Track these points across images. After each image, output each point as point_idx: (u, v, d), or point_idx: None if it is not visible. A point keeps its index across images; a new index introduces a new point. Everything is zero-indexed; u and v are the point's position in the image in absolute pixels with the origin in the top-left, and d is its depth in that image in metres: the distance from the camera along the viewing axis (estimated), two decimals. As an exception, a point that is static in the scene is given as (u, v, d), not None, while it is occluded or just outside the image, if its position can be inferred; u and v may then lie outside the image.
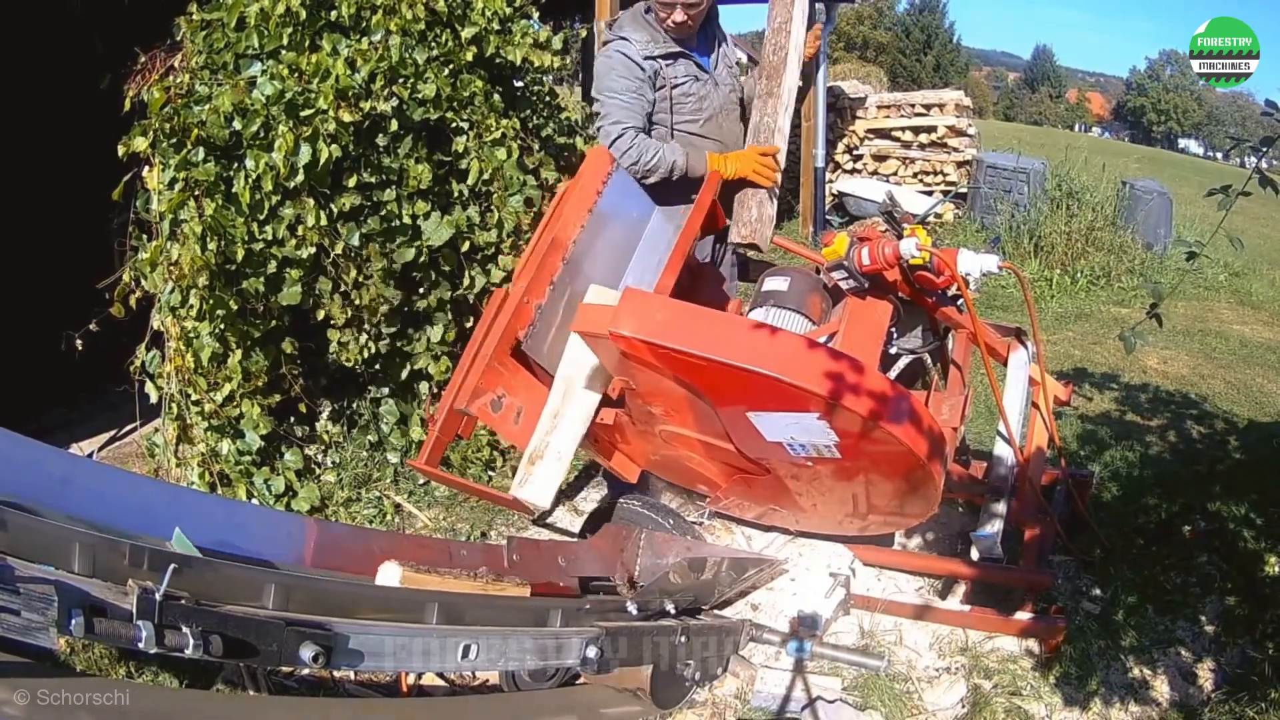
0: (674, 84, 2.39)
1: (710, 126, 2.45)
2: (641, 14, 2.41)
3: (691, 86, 2.41)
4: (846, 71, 14.39)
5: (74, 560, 1.36)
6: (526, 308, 2.11)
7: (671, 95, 2.39)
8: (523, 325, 2.10)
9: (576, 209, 2.20)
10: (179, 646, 1.23)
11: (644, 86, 2.35)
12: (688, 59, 2.41)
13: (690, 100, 2.41)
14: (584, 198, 2.22)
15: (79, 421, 3.74)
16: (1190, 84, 46.15)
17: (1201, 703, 2.00)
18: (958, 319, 2.15)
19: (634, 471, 2.32)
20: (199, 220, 2.35)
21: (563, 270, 2.16)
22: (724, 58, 2.51)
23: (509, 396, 2.09)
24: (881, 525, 2.26)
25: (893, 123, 7.59)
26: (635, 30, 2.36)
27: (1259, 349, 4.72)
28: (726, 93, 2.49)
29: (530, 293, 2.11)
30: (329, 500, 2.76)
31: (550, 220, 2.24)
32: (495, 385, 2.07)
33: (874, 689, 2.07)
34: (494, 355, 2.05)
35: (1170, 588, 2.36)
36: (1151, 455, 3.11)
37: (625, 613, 1.94)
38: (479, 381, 2.04)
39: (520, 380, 2.11)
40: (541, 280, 2.14)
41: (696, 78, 2.42)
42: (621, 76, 2.34)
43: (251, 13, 2.46)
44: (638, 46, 2.34)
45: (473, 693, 2.04)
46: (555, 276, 2.16)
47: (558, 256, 2.16)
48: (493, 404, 2.06)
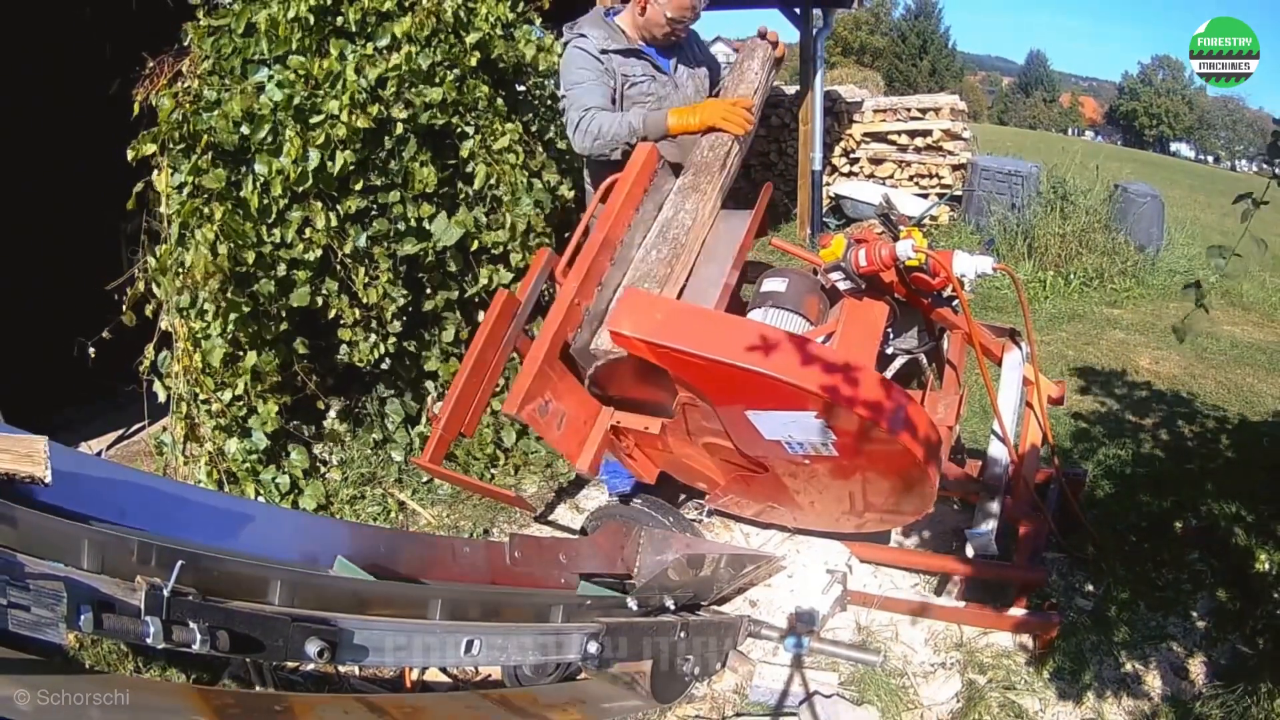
0: (631, 81, 2.39)
1: None
2: (601, 15, 2.44)
3: (649, 85, 2.41)
4: (843, 76, 14.45)
5: (83, 557, 1.36)
6: (576, 309, 2.05)
7: (627, 92, 2.40)
8: (572, 328, 2.04)
9: (626, 207, 2.14)
10: (186, 642, 1.24)
11: (604, 75, 2.37)
12: (643, 58, 2.41)
13: (648, 100, 2.41)
14: (633, 195, 2.16)
15: (88, 420, 3.76)
16: (1182, 89, 46.40)
17: (1193, 697, 2.02)
18: (953, 320, 2.17)
19: (653, 473, 2.30)
20: (209, 225, 2.37)
21: (611, 271, 2.11)
22: (687, 60, 2.49)
23: (554, 401, 2.03)
24: (878, 522, 2.27)
25: (889, 126, 7.64)
26: (592, 28, 2.40)
27: (1249, 349, 4.75)
28: (690, 94, 2.47)
29: (581, 294, 2.05)
30: (333, 498, 2.78)
31: (601, 219, 2.16)
32: (544, 390, 2.00)
33: (870, 684, 2.08)
34: (544, 360, 1.98)
35: (1162, 584, 2.39)
36: (1144, 454, 3.14)
37: (626, 609, 1.97)
38: (530, 387, 1.96)
39: (567, 385, 2.05)
40: (591, 281, 2.07)
41: (653, 77, 2.42)
42: (580, 68, 2.37)
43: (260, 19, 2.48)
44: (594, 42, 2.38)
45: (475, 687, 2.06)
46: (604, 277, 2.10)
47: (607, 258, 2.10)
48: (540, 409, 2.00)
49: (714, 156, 2.20)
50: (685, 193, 2.16)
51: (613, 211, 2.14)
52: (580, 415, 2.10)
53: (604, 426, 2.14)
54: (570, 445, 2.10)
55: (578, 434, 2.11)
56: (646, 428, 2.06)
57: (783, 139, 7.84)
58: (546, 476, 3.01)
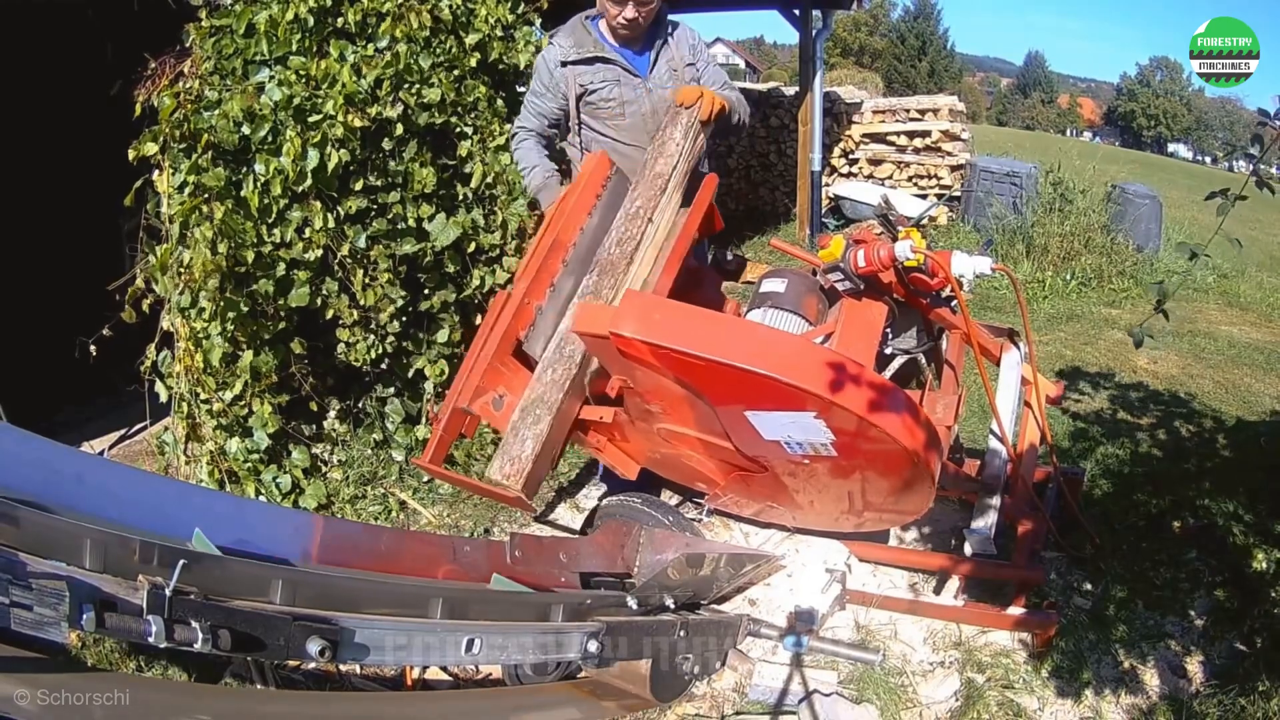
0: (588, 90, 2.38)
1: (632, 132, 2.42)
2: (580, 20, 2.43)
3: (611, 91, 2.38)
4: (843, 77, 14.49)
5: (85, 556, 1.37)
6: (527, 308, 2.14)
7: (588, 99, 2.39)
8: (523, 326, 2.13)
9: (577, 211, 2.23)
10: (188, 641, 1.25)
11: (551, 92, 2.41)
12: (610, 63, 2.38)
13: (610, 105, 2.39)
14: (584, 200, 2.25)
15: (90, 420, 3.77)
16: (1180, 90, 46.50)
17: (1191, 695, 2.02)
18: (951, 320, 2.17)
19: (634, 469, 2.33)
20: (209, 224, 2.38)
21: (563, 272, 2.19)
22: (668, 60, 2.43)
23: (510, 395, 2.11)
24: (877, 522, 2.28)
25: (888, 127, 7.66)
26: (564, 36, 2.41)
27: (1247, 349, 4.76)
28: (665, 96, 2.40)
29: (531, 294, 2.14)
30: (335, 497, 2.78)
31: (551, 222, 2.26)
32: (497, 384, 2.10)
33: (869, 682, 2.09)
34: (495, 355, 2.08)
35: (1160, 583, 2.39)
36: (1141, 453, 3.15)
37: (626, 608, 1.97)
38: (481, 381, 2.07)
39: (520, 380, 2.14)
40: (542, 281, 2.16)
41: (619, 81, 2.38)
42: (537, 80, 2.44)
43: (260, 20, 2.49)
44: (558, 51, 2.38)
45: (475, 686, 2.06)
46: (555, 278, 2.18)
47: (558, 258, 2.19)
48: (494, 402, 2.09)
49: (620, 255, 2.10)
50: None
51: (564, 214, 2.22)
52: None
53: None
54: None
55: None
56: (601, 417, 2.09)
57: (782, 140, 7.86)
58: (546, 476, 3.02)
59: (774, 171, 7.94)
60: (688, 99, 2.26)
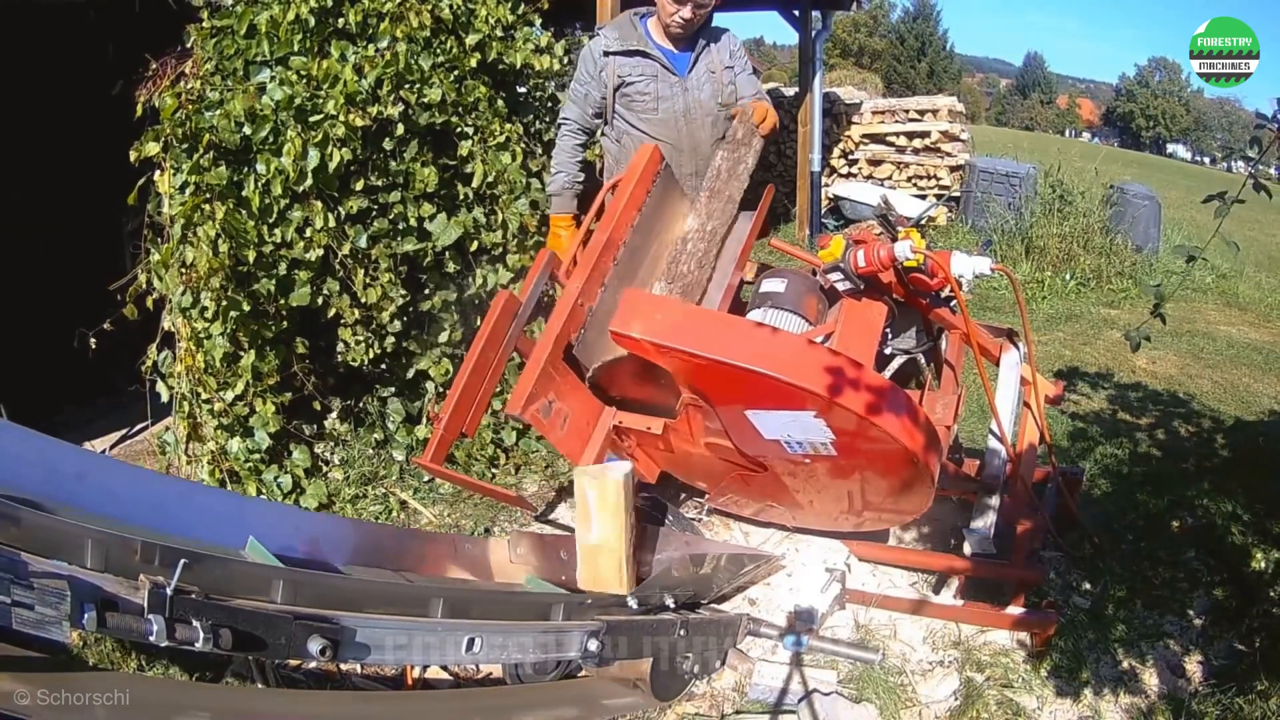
0: (626, 81, 2.41)
1: (664, 128, 2.45)
2: (629, 15, 2.47)
3: (648, 85, 2.41)
4: (842, 78, 14.51)
5: (87, 555, 1.37)
6: (580, 310, 2.05)
7: (623, 91, 2.42)
8: (575, 329, 2.06)
9: (629, 208, 2.15)
10: (189, 640, 1.25)
11: (594, 82, 2.46)
12: (649, 58, 2.41)
13: (645, 99, 2.43)
14: (636, 196, 2.18)
15: (92, 419, 3.77)
16: (1178, 91, 46.58)
17: (1190, 694, 2.02)
18: (951, 320, 2.18)
19: (654, 473, 2.32)
20: (211, 224, 2.38)
21: (614, 272, 2.12)
22: (708, 62, 2.48)
23: (558, 402, 2.04)
24: (876, 521, 2.28)
25: (887, 128, 7.68)
26: (611, 28, 2.45)
27: (1245, 349, 4.77)
28: (702, 98, 2.45)
29: (584, 295, 2.06)
30: (335, 497, 2.79)
31: (604, 219, 2.16)
32: (548, 391, 2.01)
33: (869, 682, 2.09)
34: (548, 360, 1.98)
35: (1159, 582, 2.40)
36: (1140, 453, 3.15)
37: (626, 607, 1.98)
38: (533, 387, 1.97)
39: (570, 385, 2.06)
40: (595, 282, 2.08)
41: (656, 76, 2.41)
42: (582, 68, 2.48)
43: (261, 20, 2.49)
44: (601, 42, 2.42)
45: (476, 685, 2.07)
46: (607, 278, 2.11)
47: (610, 258, 2.11)
48: (543, 409, 2.01)
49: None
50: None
51: (615, 213, 2.15)
52: (583, 416, 2.11)
53: (606, 427, 2.15)
54: (573, 445, 2.11)
55: (580, 434, 2.13)
56: (649, 428, 2.07)
57: (782, 140, 7.86)
58: (547, 476, 3.02)
59: (774, 172, 7.94)
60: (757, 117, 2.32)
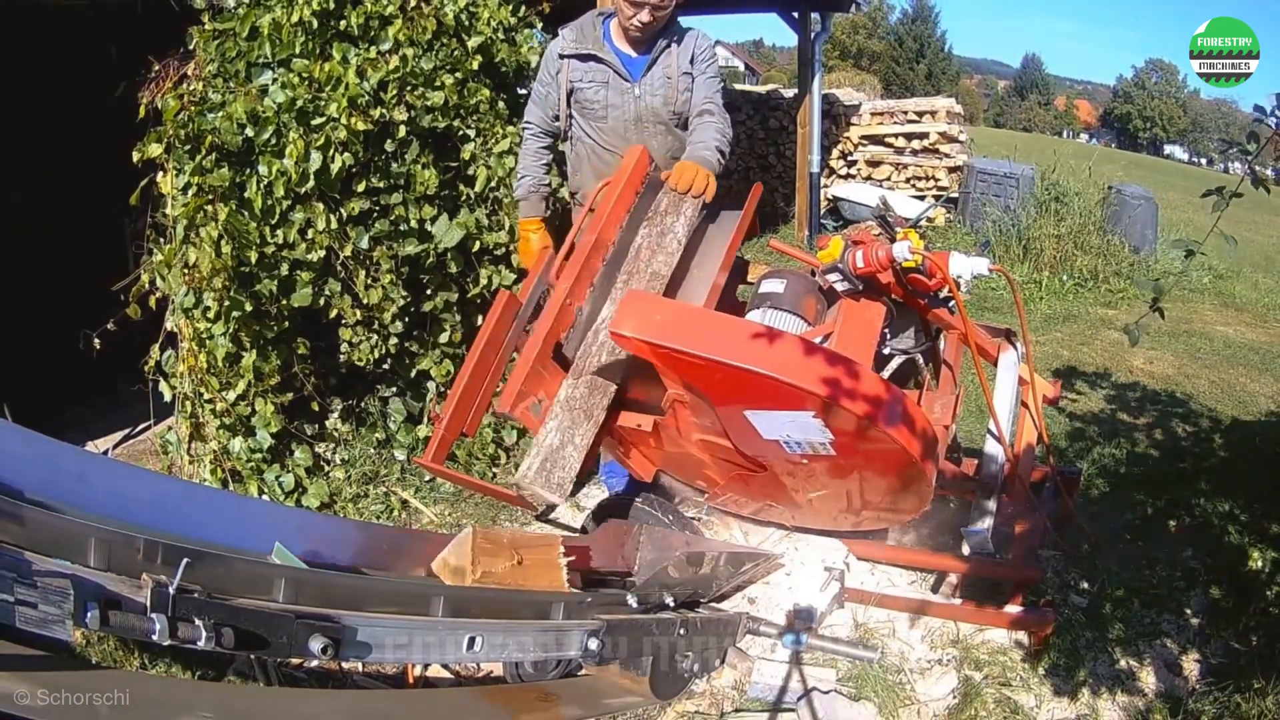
0: (577, 86, 2.35)
1: (613, 137, 2.38)
2: (591, 16, 2.41)
3: (596, 92, 2.34)
4: (841, 80, 14.54)
5: (90, 555, 1.37)
6: (569, 310, 2.06)
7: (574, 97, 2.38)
8: (565, 328, 2.06)
9: (617, 209, 2.15)
10: (192, 639, 1.25)
11: (553, 84, 2.41)
12: (601, 63, 2.34)
13: (595, 106, 2.36)
14: (624, 198, 2.17)
15: (95, 420, 3.77)
16: (1176, 92, 46.68)
17: (1187, 693, 2.03)
18: (949, 320, 2.18)
19: (650, 471, 2.31)
20: (214, 225, 2.38)
21: (603, 272, 2.12)
22: (665, 67, 2.36)
23: (548, 400, 2.04)
24: (875, 521, 2.29)
25: (886, 129, 7.70)
26: (571, 28, 2.38)
27: (1242, 349, 4.78)
28: (654, 104, 2.36)
29: (573, 295, 2.06)
30: (337, 496, 2.79)
31: (593, 220, 2.17)
32: (537, 389, 2.02)
33: (868, 680, 2.10)
34: (537, 359, 1.99)
35: (1156, 582, 2.41)
36: (1138, 453, 3.17)
37: (626, 606, 1.99)
38: (523, 385, 1.98)
39: (558, 383, 2.06)
40: (584, 282, 2.09)
41: (607, 83, 2.34)
42: (543, 70, 2.45)
43: (264, 22, 2.50)
44: (559, 44, 2.37)
45: (477, 684, 2.07)
46: (596, 278, 2.11)
47: (599, 258, 2.11)
48: (533, 408, 2.02)
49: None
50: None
51: (604, 213, 2.15)
52: None
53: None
54: None
55: None
56: (639, 425, 2.07)
57: (781, 142, 7.89)
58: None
59: (773, 173, 7.96)
60: (683, 184, 2.16)
